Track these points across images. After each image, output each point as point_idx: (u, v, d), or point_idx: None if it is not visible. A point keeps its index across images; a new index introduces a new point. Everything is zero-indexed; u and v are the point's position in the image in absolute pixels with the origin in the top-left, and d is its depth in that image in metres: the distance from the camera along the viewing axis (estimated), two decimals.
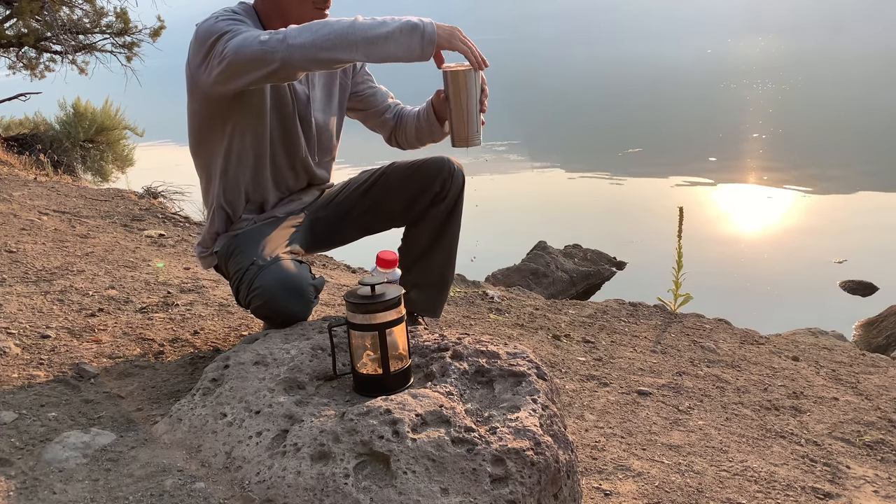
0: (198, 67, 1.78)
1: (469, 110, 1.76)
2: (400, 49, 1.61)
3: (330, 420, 1.37)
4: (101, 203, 4.61)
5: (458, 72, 1.73)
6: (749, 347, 2.91)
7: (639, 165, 12.20)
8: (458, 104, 1.76)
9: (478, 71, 1.73)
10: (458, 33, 1.66)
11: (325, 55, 1.63)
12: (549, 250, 6.59)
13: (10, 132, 9.75)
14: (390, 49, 1.62)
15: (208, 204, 2.04)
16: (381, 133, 2.20)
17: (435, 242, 2.08)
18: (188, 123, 1.94)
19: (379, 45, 1.62)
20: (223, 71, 1.71)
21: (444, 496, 1.25)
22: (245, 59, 1.66)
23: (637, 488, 1.73)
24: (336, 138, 2.13)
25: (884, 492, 1.85)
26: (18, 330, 2.10)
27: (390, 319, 1.46)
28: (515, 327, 2.87)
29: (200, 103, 1.88)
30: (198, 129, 1.93)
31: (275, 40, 1.64)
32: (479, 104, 1.77)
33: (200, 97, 1.86)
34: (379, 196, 2.10)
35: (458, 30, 1.67)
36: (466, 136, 1.79)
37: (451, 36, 1.64)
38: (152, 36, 9.98)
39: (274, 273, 1.75)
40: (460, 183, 2.04)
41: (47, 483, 1.34)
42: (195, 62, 1.79)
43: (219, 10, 1.81)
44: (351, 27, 1.62)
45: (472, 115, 1.77)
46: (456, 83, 1.74)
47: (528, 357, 1.61)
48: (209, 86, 1.78)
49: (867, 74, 25.84)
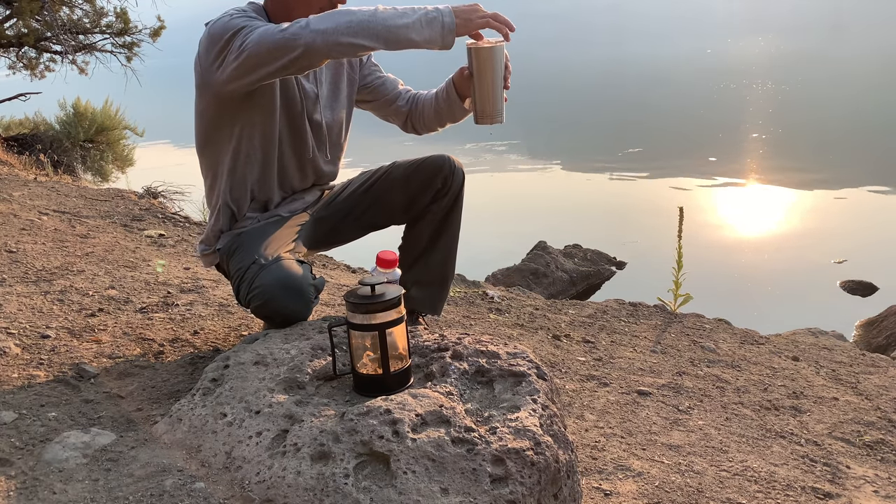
0: (210, 65, 1.78)
1: (494, 86, 1.76)
2: (421, 39, 1.63)
3: (330, 420, 1.37)
4: (101, 203, 4.61)
5: (482, 48, 1.72)
6: (749, 347, 2.91)
7: (639, 165, 12.20)
8: (483, 80, 1.75)
9: (502, 48, 1.73)
10: (478, 11, 1.66)
11: (347, 40, 1.63)
12: (549, 250, 6.59)
13: (10, 132, 9.75)
14: (412, 38, 1.63)
15: (212, 202, 2.04)
16: (396, 121, 2.20)
17: (436, 239, 2.11)
18: (195, 123, 1.94)
19: (401, 35, 1.63)
20: (241, 65, 1.70)
21: (444, 496, 1.25)
22: (266, 49, 1.66)
23: (637, 488, 1.73)
24: (345, 134, 2.14)
25: (884, 492, 1.85)
26: (18, 330, 2.10)
27: (390, 319, 1.46)
28: (515, 327, 2.87)
29: (209, 102, 1.88)
30: (205, 128, 1.93)
31: (297, 27, 1.65)
32: (503, 80, 1.77)
33: (210, 96, 1.86)
34: (380, 194, 2.11)
35: (478, 6, 1.67)
36: (492, 112, 1.78)
37: (469, 21, 1.65)
38: (152, 36, 9.98)
39: (275, 273, 1.76)
40: (461, 180, 2.07)
41: (47, 483, 1.34)
42: (207, 60, 1.78)
43: (230, 9, 1.81)
44: (373, 16, 1.63)
45: (496, 91, 1.76)
46: (480, 59, 1.73)
47: (528, 357, 1.61)
48: (223, 83, 1.77)
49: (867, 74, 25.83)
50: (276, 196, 2.04)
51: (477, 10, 1.66)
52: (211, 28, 1.78)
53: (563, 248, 6.83)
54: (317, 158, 2.06)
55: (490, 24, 1.67)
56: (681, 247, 3.43)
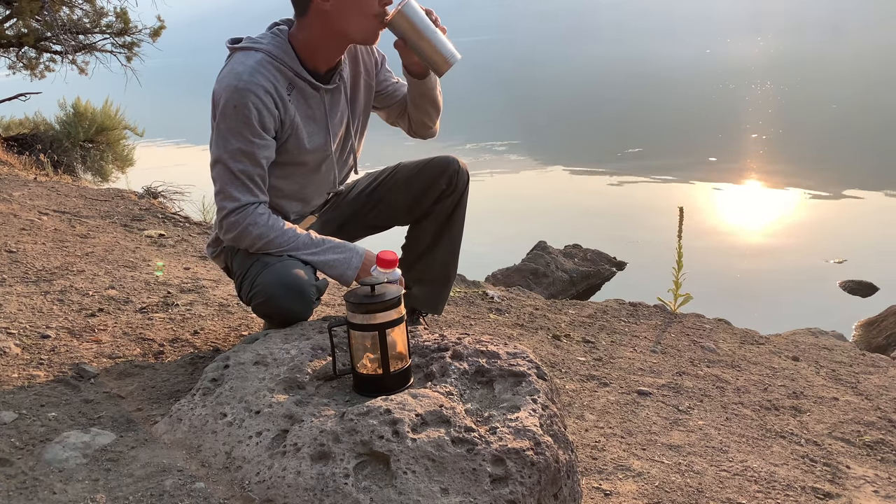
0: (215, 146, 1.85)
1: (429, 37, 1.78)
2: (332, 275, 1.87)
3: (330, 420, 1.37)
4: (101, 203, 4.61)
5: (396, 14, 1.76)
6: (749, 347, 2.91)
7: (639, 165, 12.20)
8: (418, 37, 1.79)
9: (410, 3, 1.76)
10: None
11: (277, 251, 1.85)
12: (549, 250, 6.59)
13: (10, 132, 9.75)
14: (326, 273, 1.87)
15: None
16: (403, 126, 2.20)
17: (439, 238, 2.12)
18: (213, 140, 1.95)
19: (317, 266, 1.87)
20: (223, 233, 1.88)
21: (444, 496, 1.25)
22: (234, 241, 1.87)
23: (637, 488, 1.73)
24: (360, 145, 2.14)
25: (884, 492, 1.85)
26: (18, 330, 2.10)
27: (390, 319, 1.46)
28: (515, 327, 2.87)
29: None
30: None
31: (262, 242, 1.83)
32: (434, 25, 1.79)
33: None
34: (386, 194, 2.13)
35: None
36: (442, 59, 1.81)
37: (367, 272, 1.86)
38: (152, 36, 9.97)
39: (277, 272, 1.76)
40: (465, 180, 2.09)
41: (47, 483, 1.34)
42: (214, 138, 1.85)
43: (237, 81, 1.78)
44: (296, 249, 1.85)
45: (434, 39, 1.79)
46: (402, 23, 1.77)
47: (528, 357, 1.61)
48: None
49: (866, 74, 25.84)
50: (293, 215, 2.05)
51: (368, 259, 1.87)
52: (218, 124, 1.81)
53: (563, 248, 6.83)
54: (337, 184, 2.10)
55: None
56: (681, 247, 3.43)
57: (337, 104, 1.97)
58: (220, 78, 1.80)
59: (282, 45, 1.84)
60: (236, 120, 1.77)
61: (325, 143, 1.95)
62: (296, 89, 1.86)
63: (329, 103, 1.94)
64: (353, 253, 1.86)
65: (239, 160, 1.80)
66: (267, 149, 1.83)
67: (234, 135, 1.78)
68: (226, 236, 1.86)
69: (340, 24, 1.80)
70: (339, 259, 1.85)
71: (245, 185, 1.82)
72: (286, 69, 1.83)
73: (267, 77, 1.79)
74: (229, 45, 1.88)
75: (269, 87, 1.79)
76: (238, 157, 1.80)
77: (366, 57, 2.03)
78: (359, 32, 1.83)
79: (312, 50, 1.86)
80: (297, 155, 1.91)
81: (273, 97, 1.79)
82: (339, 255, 1.86)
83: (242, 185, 1.81)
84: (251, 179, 1.82)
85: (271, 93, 1.79)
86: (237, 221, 1.82)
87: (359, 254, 1.86)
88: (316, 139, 1.93)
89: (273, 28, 1.89)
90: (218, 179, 1.84)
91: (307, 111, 1.90)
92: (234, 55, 1.84)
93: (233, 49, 1.85)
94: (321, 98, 1.91)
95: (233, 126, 1.78)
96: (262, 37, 1.86)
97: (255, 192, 1.83)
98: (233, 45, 1.87)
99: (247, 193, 1.82)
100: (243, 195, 1.82)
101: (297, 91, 1.86)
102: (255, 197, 1.83)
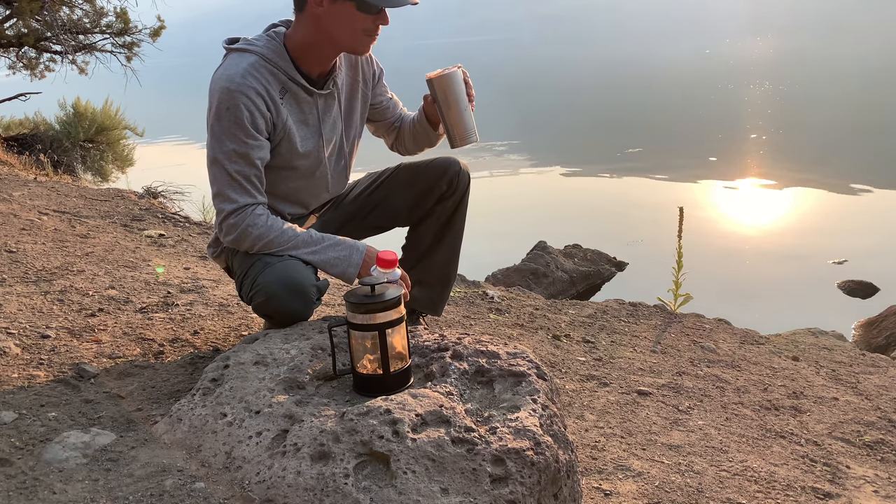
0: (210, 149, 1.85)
1: (459, 110, 1.84)
2: (334, 273, 1.86)
3: (330, 420, 1.37)
4: (101, 203, 4.61)
5: (439, 78, 1.81)
6: (749, 347, 2.91)
7: (638, 165, 12.19)
8: (448, 107, 1.84)
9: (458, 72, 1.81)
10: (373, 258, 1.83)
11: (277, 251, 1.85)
12: (549, 250, 6.58)
13: (10, 132, 9.74)
14: (327, 271, 1.87)
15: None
16: (386, 140, 2.23)
17: (439, 239, 2.12)
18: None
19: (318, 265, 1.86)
20: (223, 235, 1.87)
21: (444, 496, 1.25)
22: (234, 243, 1.87)
23: (637, 488, 1.73)
24: (354, 151, 2.15)
25: (884, 492, 1.85)
26: (18, 330, 2.10)
27: (390, 319, 1.46)
28: (515, 327, 2.87)
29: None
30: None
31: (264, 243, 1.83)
32: (467, 102, 1.83)
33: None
34: (386, 195, 2.14)
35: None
36: (463, 135, 1.86)
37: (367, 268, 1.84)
38: (152, 36, 9.96)
39: (277, 272, 1.76)
40: (466, 182, 2.10)
41: (47, 483, 1.34)
42: (209, 139, 1.84)
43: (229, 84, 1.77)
44: (296, 248, 1.84)
45: (462, 114, 1.84)
46: (439, 88, 1.82)
47: (528, 357, 1.61)
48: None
49: (865, 73, 25.84)
50: (290, 217, 2.05)
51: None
52: (211, 125, 1.81)
53: (563, 248, 6.82)
54: (331, 188, 2.10)
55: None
56: (681, 247, 3.43)
57: (330, 110, 1.97)
58: (214, 79, 1.81)
59: (276, 49, 1.84)
60: (229, 121, 1.77)
61: (317, 147, 1.95)
62: (289, 93, 1.86)
63: (322, 108, 1.94)
64: (354, 250, 1.86)
65: (234, 161, 1.80)
66: (261, 149, 1.83)
67: (229, 136, 1.78)
68: (226, 239, 1.86)
69: (330, 30, 1.81)
70: (339, 257, 1.85)
71: (242, 187, 1.82)
72: (279, 72, 1.83)
73: (259, 80, 1.79)
74: (225, 45, 1.88)
75: (261, 90, 1.79)
76: (233, 159, 1.80)
77: (366, 66, 2.04)
78: (347, 42, 1.84)
79: (305, 52, 1.86)
80: (290, 159, 1.91)
81: (265, 99, 1.80)
82: (339, 253, 1.85)
83: (239, 186, 1.81)
84: (248, 180, 1.82)
85: (263, 95, 1.79)
86: (236, 223, 1.82)
87: (359, 250, 1.85)
88: (308, 143, 1.93)
89: (270, 30, 1.90)
90: (215, 182, 1.84)
91: (300, 115, 1.90)
92: (228, 56, 1.84)
93: (228, 49, 1.86)
94: (314, 103, 1.92)
95: (226, 127, 1.78)
96: (257, 38, 1.86)
97: (252, 193, 1.83)
98: (229, 45, 1.87)
99: (244, 195, 1.82)
100: (241, 197, 1.82)
101: (290, 95, 1.86)
102: (252, 198, 1.83)
